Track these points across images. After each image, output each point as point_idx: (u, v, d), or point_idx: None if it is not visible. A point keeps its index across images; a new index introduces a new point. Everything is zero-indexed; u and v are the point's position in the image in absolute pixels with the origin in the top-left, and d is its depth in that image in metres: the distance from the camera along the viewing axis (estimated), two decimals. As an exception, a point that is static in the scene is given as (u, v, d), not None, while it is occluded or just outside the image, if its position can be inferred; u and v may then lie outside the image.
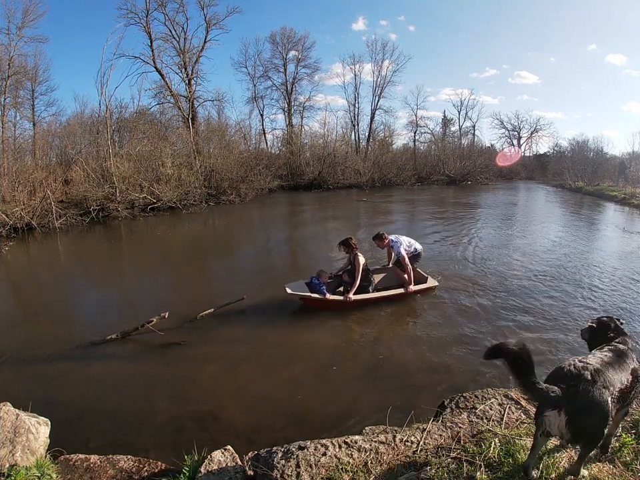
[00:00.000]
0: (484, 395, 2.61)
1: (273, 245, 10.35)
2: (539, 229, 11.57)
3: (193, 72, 26.00)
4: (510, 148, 40.68)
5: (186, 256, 9.18)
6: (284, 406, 3.30)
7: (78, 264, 9.12)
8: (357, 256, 5.41)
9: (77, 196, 14.35)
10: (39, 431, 2.26)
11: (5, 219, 11.21)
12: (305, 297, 5.20)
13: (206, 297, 5.74)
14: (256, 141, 31.32)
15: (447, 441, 2.11)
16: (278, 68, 32.20)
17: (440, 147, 35.18)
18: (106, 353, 4.29)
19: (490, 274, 6.81)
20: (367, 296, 5.37)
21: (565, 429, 1.62)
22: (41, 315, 5.54)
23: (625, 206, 17.29)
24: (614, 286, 6.18)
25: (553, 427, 1.65)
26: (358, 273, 5.31)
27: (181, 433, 2.96)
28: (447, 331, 4.67)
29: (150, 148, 17.76)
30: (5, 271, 8.19)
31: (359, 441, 2.10)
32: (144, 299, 6.15)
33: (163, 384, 3.69)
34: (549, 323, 4.83)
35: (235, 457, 2.13)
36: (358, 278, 5.30)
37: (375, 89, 33.80)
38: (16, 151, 16.57)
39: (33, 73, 22.35)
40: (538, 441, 1.77)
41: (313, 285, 5.28)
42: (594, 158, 27.53)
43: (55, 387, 3.66)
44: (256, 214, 16.58)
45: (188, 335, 4.59)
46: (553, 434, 1.69)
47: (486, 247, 9.04)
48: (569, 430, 1.61)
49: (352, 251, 5.49)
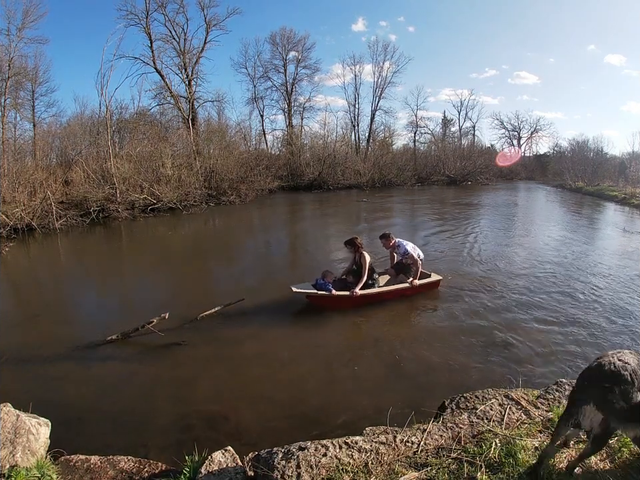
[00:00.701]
0: (484, 395, 2.60)
1: (274, 246, 10.35)
2: (541, 229, 11.57)
3: (193, 73, 26.08)
4: (510, 148, 40.75)
5: (186, 256, 9.18)
6: (284, 406, 3.30)
7: (78, 264, 9.12)
8: (363, 254, 5.48)
9: (77, 197, 14.36)
10: (39, 431, 2.26)
11: (5, 219, 11.22)
12: (311, 294, 5.20)
13: (206, 298, 5.74)
14: (256, 141, 31.45)
15: (447, 442, 2.11)
16: (278, 68, 32.31)
17: (440, 147, 35.21)
18: (106, 354, 4.28)
19: (493, 273, 6.81)
20: (373, 291, 5.44)
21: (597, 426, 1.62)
22: (41, 315, 5.54)
23: (625, 206, 17.29)
24: (618, 284, 6.19)
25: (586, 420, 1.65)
26: (365, 269, 5.39)
27: (181, 434, 2.96)
28: (448, 331, 4.67)
29: (150, 149, 17.79)
30: (6, 272, 8.19)
31: (359, 441, 2.10)
32: (144, 300, 6.16)
33: (163, 385, 3.69)
34: (555, 318, 4.84)
35: (236, 458, 2.13)
36: (365, 274, 5.37)
37: (375, 89, 33.92)
38: (16, 152, 16.58)
39: (33, 74, 22.40)
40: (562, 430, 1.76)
41: (319, 285, 5.29)
42: (594, 158, 27.53)
43: (55, 387, 3.66)
44: (256, 214, 16.58)
45: (188, 335, 4.59)
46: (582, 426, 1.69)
47: (488, 246, 9.04)
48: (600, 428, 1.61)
49: (357, 249, 5.56)
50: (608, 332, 4.57)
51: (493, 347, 4.26)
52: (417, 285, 5.62)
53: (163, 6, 24.47)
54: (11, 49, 19.46)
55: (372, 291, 5.43)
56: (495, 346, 4.27)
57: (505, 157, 37.04)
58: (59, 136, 20.49)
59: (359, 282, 5.33)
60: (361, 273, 5.43)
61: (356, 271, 5.53)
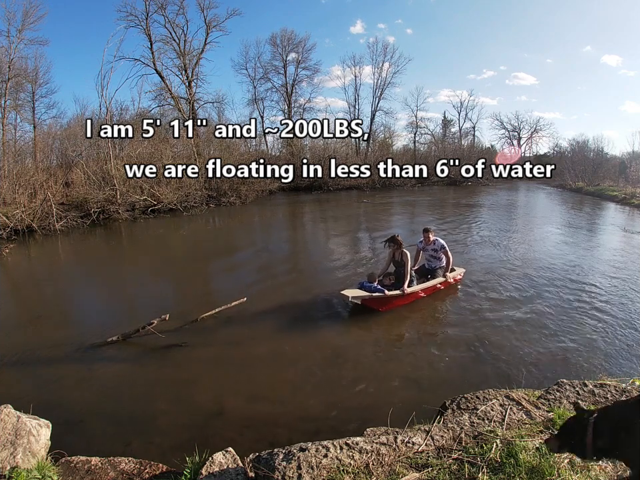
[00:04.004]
0: (485, 395, 2.60)
1: (274, 247, 10.34)
2: (542, 229, 11.56)
3: (193, 74, 26.12)
4: (510, 148, 40.72)
5: (186, 257, 9.19)
6: (285, 407, 3.30)
7: (79, 266, 9.13)
8: (404, 252, 5.58)
9: (78, 198, 14.37)
10: (40, 433, 2.26)
11: (5, 221, 11.23)
12: (366, 298, 5.17)
13: (207, 299, 5.74)
14: (256, 142, 31.39)
15: (448, 442, 2.11)
16: (278, 70, 32.30)
17: (440, 147, 35.20)
18: (107, 355, 4.28)
19: (493, 273, 6.79)
20: (419, 287, 5.58)
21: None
22: (41, 316, 5.54)
23: (625, 206, 17.28)
24: (623, 284, 6.20)
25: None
26: (408, 266, 5.50)
27: (181, 435, 2.95)
28: (449, 331, 4.67)
29: (150, 150, 17.79)
30: (6, 273, 8.20)
31: (360, 442, 2.10)
32: (145, 301, 6.16)
33: (163, 386, 3.69)
34: (556, 319, 4.84)
35: (236, 459, 2.13)
36: (409, 271, 5.49)
37: (375, 90, 33.88)
38: (16, 154, 16.64)
39: (33, 75, 22.47)
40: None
41: (366, 287, 5.27)
42: (594, 158, 27.50)
43: (55, 389, 3.66)
44: (256, 215, 16.59)
45: (189, 336, 4.59)
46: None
47: (493, 245, 9.05)
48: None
49: (400, 246, 5.63)
50: (609, 332, 4.56)
51: (493, 347, 4.25)
52: (450, 278, 5.94)
53: (163, 7, 24.53)
54: (11, 50, 19.56)
55: (418, 287, 5.55)
56: (495, 346, 4.26)
57: (504, 157, 37.03)
58: (59, 137, 20.56)
59: (404, 278, 5.42)
60: (401, 271, 5.54)
61: (396, 271, 5.63)
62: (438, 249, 5.97)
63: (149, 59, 24.43)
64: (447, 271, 5.93)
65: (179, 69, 25.72)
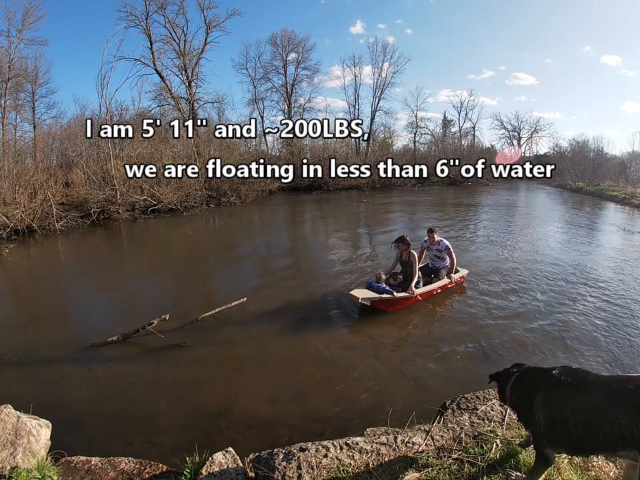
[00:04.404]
0: (485, 395, 2.60)
1: (274, 246, 10.34)
2: (542, 230, 11.56)
3: (193, 74, 26.10)
4: (510, 148, 40.71)
5: (187, 257, 9.19)
6: (285, 408, 3.30)
7: (79, 266, 9.13)
8: (412, 252, 5.61)
9: (78, 198, 14.37)
10: (40, 433, 2.26)
11: (5, 221, 11.23)
12: (375, 299, 5.13)
13: (207, 299, 5.74)
14: (256, 142, 31.38)
15: (448, 442, 2.11)
16: (278, 70, 32.26)
17: (440, 147, 35.19)
18: (107, 355, 4.28)
19: (494, 274, 6.78)
20: (427, 288, 5.59)
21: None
22: (41, 316, 5.54)
23: (625, 206, 17.28)
24: (625, 284, 6.20)
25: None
26: (416, 266, 5.53)
27: (181, 435, 2.95)
28: (450, 331, 4.67)
29: (150, 150, 17.79)
30: (6, 273, 8.20)
31: (360, 442, 2.10)
32: (145, 301, 6.16)
33: (163, 386, 3.69)
34: (556, 319, 4.84)
35: (236, 459, 2.13)
36: (417, 272, 5.52)
37: (375, 90, 33.85)
38: (16, 154, 16.63)
39: (33, 75, 22.43)
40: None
41: (374, 287, 5.24)
42: (594, 158, 27.49)
43: (56, 389, 3.66)
44: (256, 215, 16.59)
45: (189, 336, 4.59)
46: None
47: (494, 245, 9.06)
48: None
49: (408, 247, 5.65)
50: (610, 333, 4.56)
51: (493, 347, 4.25)
52: (455, 278, 5.98)
53: (163, 7, 24.51)
54: (11, 50, 19.55)
55: (425, 289, 5.56)
56: (495, 346, 4.26)
57: (504, 157, 37.00)
58: (59, 137, 20.54)
59: (412, 278, 5.44)
60: (408, 271, 5.55)
61: (403, 270, 5.63)
62: (442, 250, 5.98)
63: (148, 59, 24.45)
64: (451, 272, 5.97)
65: (179, 69, 25.74)
